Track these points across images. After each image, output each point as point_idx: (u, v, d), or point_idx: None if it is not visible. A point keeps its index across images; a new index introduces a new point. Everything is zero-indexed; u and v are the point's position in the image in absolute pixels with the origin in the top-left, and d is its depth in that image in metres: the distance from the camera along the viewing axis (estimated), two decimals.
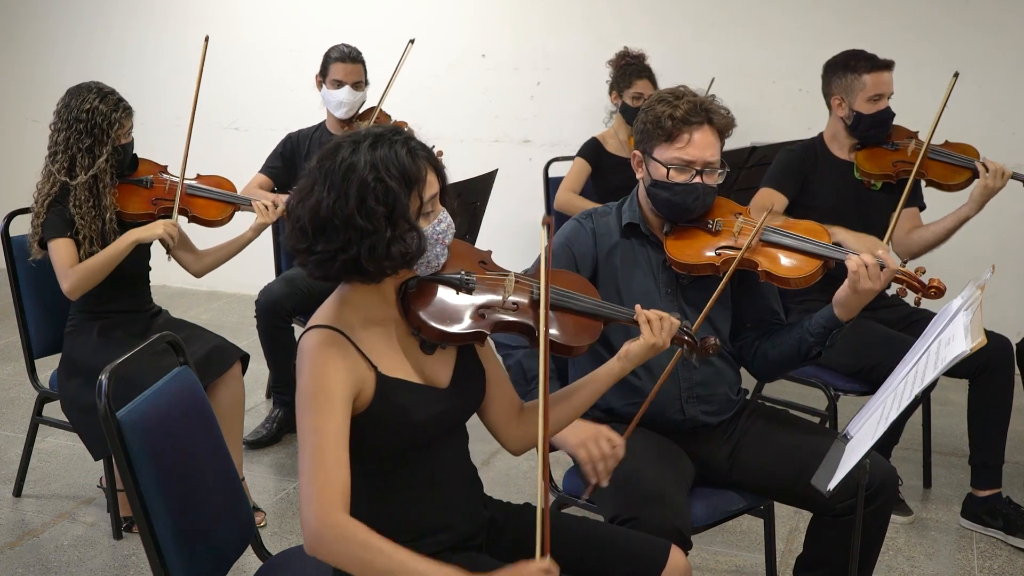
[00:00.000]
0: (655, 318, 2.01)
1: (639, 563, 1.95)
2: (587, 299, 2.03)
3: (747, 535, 3.25)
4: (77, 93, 3.11)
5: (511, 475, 3.68)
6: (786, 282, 2.40)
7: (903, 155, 3.33)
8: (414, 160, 1.76)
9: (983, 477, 3.28)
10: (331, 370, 1.73)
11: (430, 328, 1.83)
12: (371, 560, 1.67)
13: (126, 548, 3.15)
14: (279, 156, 4.06)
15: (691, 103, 2.36)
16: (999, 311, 4.35)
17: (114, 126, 3.09)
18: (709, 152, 2.37)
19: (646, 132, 2.42)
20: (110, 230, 3.12)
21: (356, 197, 1.71)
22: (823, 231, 2.47)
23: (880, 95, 3.29)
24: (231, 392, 3.17)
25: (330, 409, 1.72)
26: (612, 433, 2.11)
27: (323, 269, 1.77)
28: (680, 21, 5.20)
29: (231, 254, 3.38)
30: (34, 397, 3.38)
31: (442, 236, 1.82)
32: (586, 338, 1.99)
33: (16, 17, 6.38)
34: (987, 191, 3.22)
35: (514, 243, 4.55)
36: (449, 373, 1.91)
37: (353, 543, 1.68)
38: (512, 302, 1.91)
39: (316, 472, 1.69)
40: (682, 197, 2.39)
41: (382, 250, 1.73)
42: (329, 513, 1.67)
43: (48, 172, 3.11)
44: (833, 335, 2.37)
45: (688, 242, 2.44)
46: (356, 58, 3.95)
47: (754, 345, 2.51)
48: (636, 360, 2.01)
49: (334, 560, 1.70)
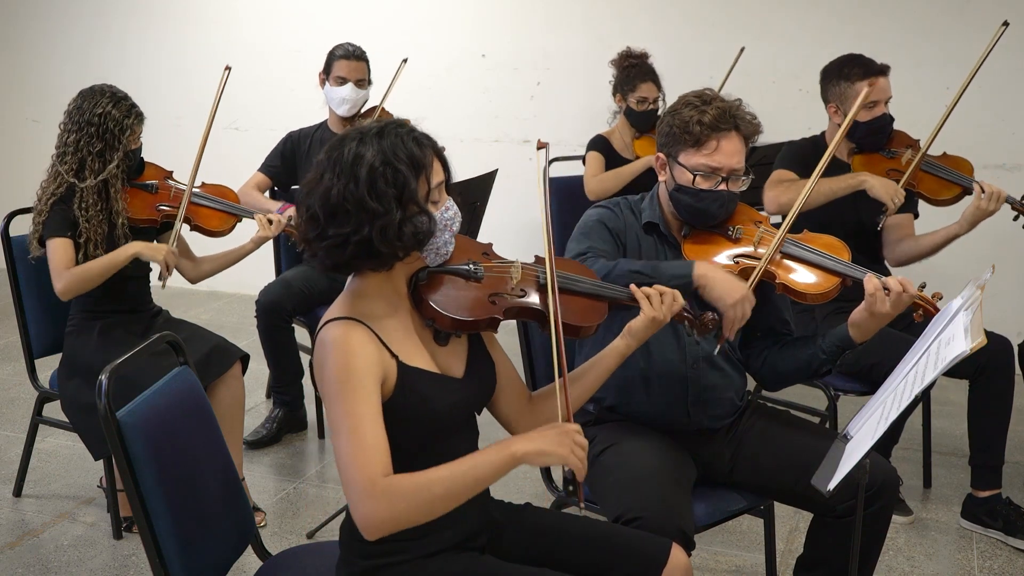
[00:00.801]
0: (654, 292, 2.04)
1: (640, 562, 1.95)
2: (589, 281, 2.08)
3: (747, 535, 3.25)
4: (90, 96, 3.10)
5: (511, 475, 3.66)
6: (803, 297, 2.39)
7: (898, 164, 3.33)
8: (421, 148, 1.79)
9: (983, 478, 3.28)
10: (358, 355, 1.73)
11: (444, 317, 1.86)
12: (429, 495, 1.68)
13: (126, 548, 3.15)
14: (279, 155, 4.06)
15: (720, 109, 2.34)
16: (999, 311, 4.34)
17: (126, 132, 3.09)
18: (736, 159, 2.36)
19: (672, 136, 2.39)
20: (121, 234, 3.12)
21: (366, 181, 1.73)
22: (843, 247, 2.46)
23: (875, 102, 3.28)
24: (231, 392, 3.18)
25: (362, 390, 1.71)
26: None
27: (335, 255, 1.78)
28: (680, 21, 5.20)
29: (229, 264, 3.39)
30: (34, 397, 3.38)
31: (450, 223, 1.85)
32: (594, 318, 2.04)
33: (16, 17, 6.38)
34: (980, 212, 3.20)
35: (514, 243, 4.52)
36: (463, 363, 1.93)
37: (406, 493, 1.67)
38: (521, 288, 1.95)
39: (356, 454, 1.68)
40: (707, 204, 2.38)
41: (394, 231, 1.74)
42: (375, 484, 1.67)
43: (56, 172, 3.11)
44: (845, 355, 2.37)
45: (706, 247, 2.43)
46: (360, 56, 3.97)
47: (763, 355, 2.50)
48: (640, 335, 2.05)
49: (399, 521, 1.68)
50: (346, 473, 1.69)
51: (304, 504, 3.45)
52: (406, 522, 1.70)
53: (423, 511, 1.70)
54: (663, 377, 2.41)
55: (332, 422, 1.73)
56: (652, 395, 2.43)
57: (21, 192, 3.34)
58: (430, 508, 1.70)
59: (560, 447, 1.74)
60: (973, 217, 3.22)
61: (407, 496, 1.67)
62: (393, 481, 1.68)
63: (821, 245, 2.45)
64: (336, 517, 3.25)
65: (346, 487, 1.70)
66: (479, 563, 1.90)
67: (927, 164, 3.34)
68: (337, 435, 1.72)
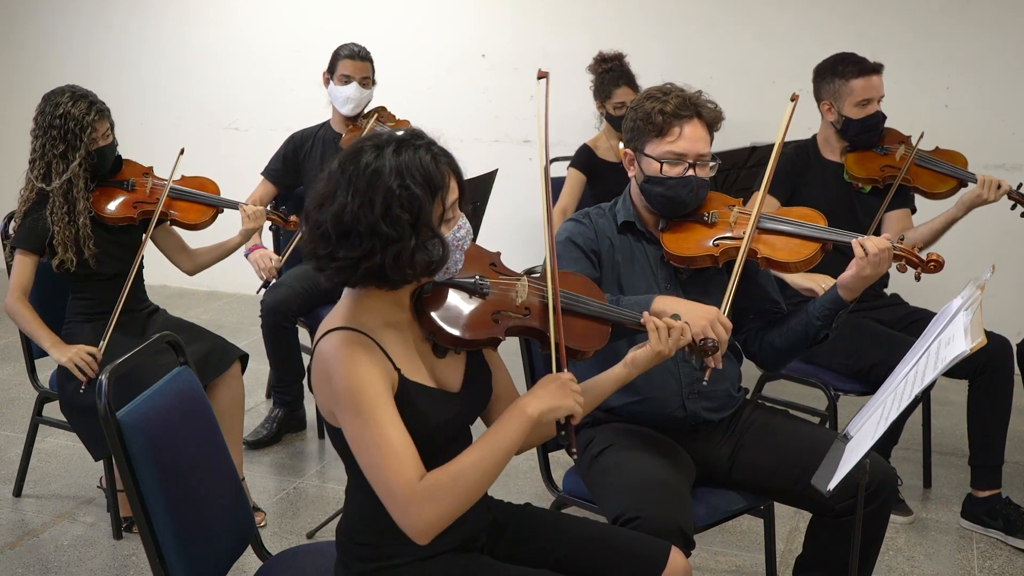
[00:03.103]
0: (663, 327, 2.02)
1: (639, 564, 1.94)
2: (595, 303, 2.05)
3: (747, 535, 3.25)
4: (51, 98, 3.10)
5: (511, 475, 3.69)
6: (786, 267, 2.41)
7: (891, 160, 3.34)
8: (438, 166, 1.75)
9: (983, 478, 3.28)
10: (366, 368, 1.72)
11: (445, 334, 1.83)
12: (468, 481, 1.70)
13: (126, 548, 3.15)
14: (281, 158, 4.06)
15: (680, 98, 2.39)
16: (999, 311, 4.34)
17: (87, 130, 3.07)
18: (700, 144, 2.39)
19: (636, 129, 2.44)
20: (84, 235, 3.10)
21: (382, 204, 1.69)
22: (818, 216, 2.49)
23: (868, 100, 3.28)
24: (231, 392, 3.18)
25: (378, 400, 1.71)
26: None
27: (344, 275, 1.75)
28: (680, 21, 5.19)
29: (220, 257, 3.43)
30: (34, 397, 3.38)
31: (461, 242, 1.82)
32: (596, 342, 2.02)
33: (16, 17, 6.38)
34: (979, 199, 3.21)
35: (514, 242, 4.55)
36: (460, 377, 1.91)
37: (446, 487, 1.69)
38: (525, 307, 1.92)
39: (388, 464, 1.68)
40: (676, 191, 2.40)
41: (407, 258, 1.71)
42: (415, 489, 1.68)
43: (28, 179, 3.13)
44: (839, 316, 2.39)
45: (685, 235, 2.45)
46: (365, 56, 3.99)
47: (759, 336, 2.53)
48: (641, 367, 2.04)
49: (446, 516, 1.69)
50: (383, 485, 1.69)
51: (304, 504, 3.45)
52: (452, 515, 1.71)
53: (465, 499, 1.72)
54: (657, 374, 2.40)
55: (354, 438, 1.72)
56: (647, 393, 2.43)
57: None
58: (471, 493, 1.72)
59: (565, 399, 1.79)
60: (972, 203, 3.23)
61: (447, 490, 1.69)
62: (430, 480, 1.69)
63: (797, 216, 2.49)
64: (336, 517, 3.25)
65: (386, 498, 1.69)
66: (478, 564, 1.89)
67: (921, 158, 3.34)
68: (364, 450, 1.70)
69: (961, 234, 3.39)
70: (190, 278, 3.74)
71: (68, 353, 3.02)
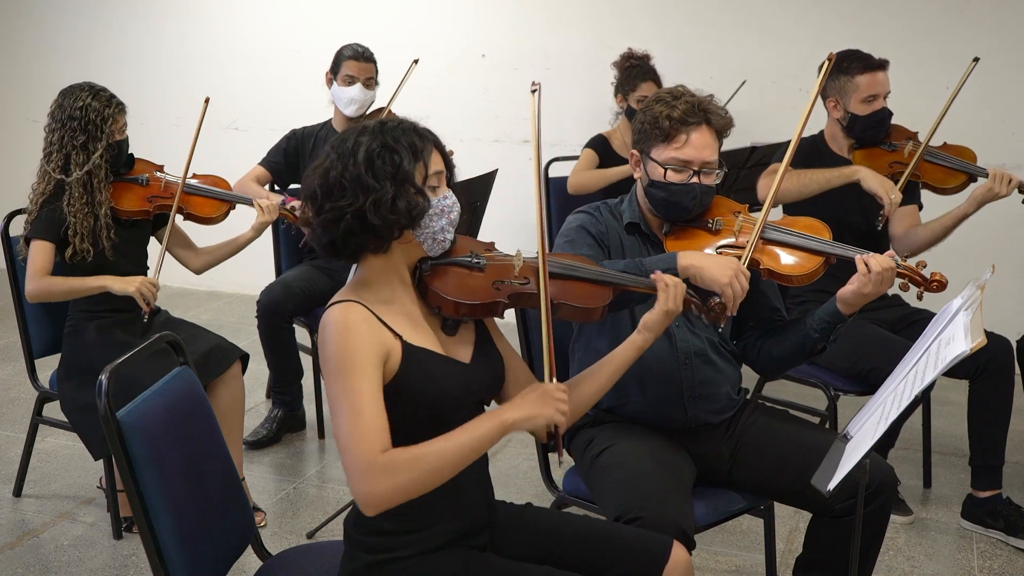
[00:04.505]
0: (671, 282, 2.05)
1: (641, 559, 1.95)
2: (591, 268, 2.10)
3: (747, 535, 3.25)
4: (69, 93, 3.13)
5: (511, 475, 3.69)
6: (788, 279, 2.39)
7: (899, 156, 3.33)
8: (421, 139, 1.86)
9: (983, 478, 3.27)
10: (357, 335, 1.76)
11: (448, 302, 1.89)
12: (426, 467, 1.71)
13: (126, 548, 3.15)
14: (282, 152, 4.06)
15: (689, 103, 2.37)
16: (999, 311, 4.34)
17: (107, 122, 3.10)
18: (707, 152, 2.37)
19: (644, 132, 2.42)
20: (103, 225, 3.12)
21: (364, 160, 1.80)
22: (824, 227, 2.46)
23: (875, 96, 3.27)
24: (231, 392, 3.18)
25: (361, 369, 1.74)
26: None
27: (331, 230, 1.82)
28: (681, 21, 5.20)
29: (231, 253, 3.41)
30: (34, 397, 3.38)
31: (448, 211, 1.88)
32: (599, 300, 2.05)
33: (16, 17, 6.38)
34: (990, 194, 3.20)
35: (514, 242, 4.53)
36: (470, 351, 1.95)
37: (403, 465, 1.70)
38: (523, 276, 1.98)
39: (355, 432, 1.71)
40: (679, 197, 2.39)
41: (387, 204, 1.79)
42: (374, 460, 1.69)
43: (43, 172, 3.13)
44: (837, 329, 2.38)
45: (688, 242, 2.44)
46: (369, 57, 4.00)
47: (758, 344, 2.52)
48: (655, 328, 2.05)
49: (398, 494, 1.70)
50: (346, 451, 1.71)
51: (304, 504, 3.45)
52: (404, 495, 1.72)
53: (421, 482, 1.72)
54: (657, 375, 2.41)
55: (332, 401, 1.76)
56: (647, 394, 2.43)
57: (21, 192, 3.34)
58: (428, 478, 1.72)
59: (544, 408, 1.81)
60: (983, 198, 3.22)
61: (404, 468, 1.70)
62: (391, 455, 1.71)
63: (802, 227, 2.46)
64: (336, 517, 3.25)
65: (346, 465, 1.72)
66: (482, 560, 1.91)
67: (930, 154, 3.32)
68: (337, 413, 1.74)
69: (961, 234, 3.38)
70: (191, 278, 3.74)
71: (135, 283, 3.08)
